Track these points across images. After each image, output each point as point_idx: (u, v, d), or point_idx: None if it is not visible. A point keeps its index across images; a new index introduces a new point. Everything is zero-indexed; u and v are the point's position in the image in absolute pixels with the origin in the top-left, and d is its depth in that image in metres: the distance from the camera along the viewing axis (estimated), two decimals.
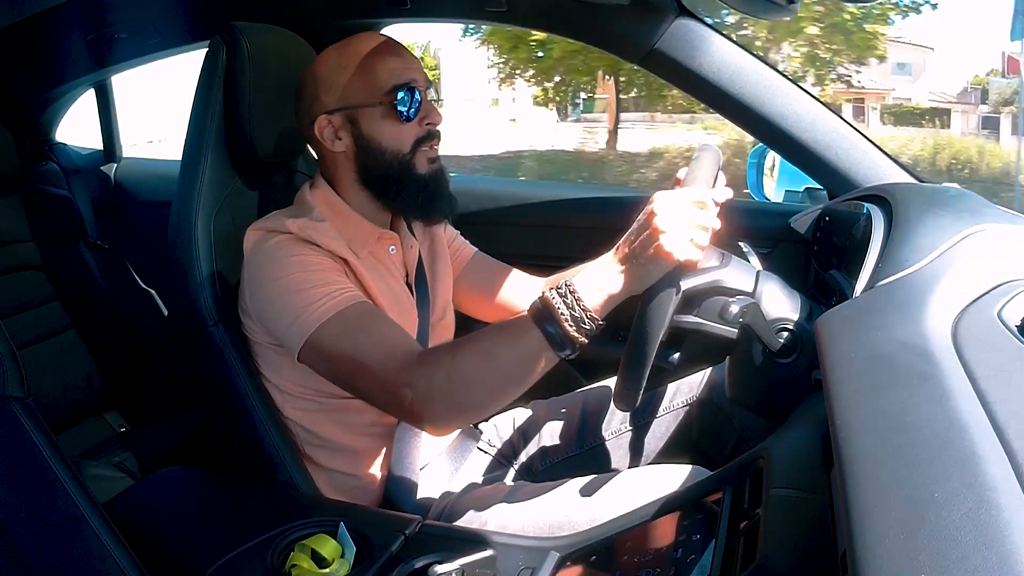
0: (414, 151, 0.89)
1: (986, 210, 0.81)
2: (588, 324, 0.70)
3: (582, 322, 0.70)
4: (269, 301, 0.84)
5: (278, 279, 0.83)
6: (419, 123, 0.89)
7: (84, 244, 1.60)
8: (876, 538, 0.35)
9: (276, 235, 0.86)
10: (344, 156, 0.90)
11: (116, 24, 1.45)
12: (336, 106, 0.88)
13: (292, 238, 0.85)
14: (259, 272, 0.85)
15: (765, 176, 1.37)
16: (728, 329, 0.85)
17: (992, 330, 0.52)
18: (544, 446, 1.11)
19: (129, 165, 1.84)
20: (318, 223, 0.87)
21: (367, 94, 0.87)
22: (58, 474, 0.60)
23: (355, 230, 0.91)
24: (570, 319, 0.70)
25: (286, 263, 0.83)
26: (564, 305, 0.70)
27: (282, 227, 0.86)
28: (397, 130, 0.88)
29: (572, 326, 0.70)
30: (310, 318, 0.80)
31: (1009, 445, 0.38)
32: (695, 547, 0.66)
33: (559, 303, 0.70)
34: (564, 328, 0.70)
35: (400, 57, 0.89)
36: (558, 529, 0.87)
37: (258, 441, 0.93)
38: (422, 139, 0.90)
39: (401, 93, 0.87)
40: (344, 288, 0.82)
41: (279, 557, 0.75)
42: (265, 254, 0.85)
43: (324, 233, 0.86)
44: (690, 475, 0.88)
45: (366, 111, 0.88)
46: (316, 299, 0.80)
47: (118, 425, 1.64)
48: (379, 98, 0.87)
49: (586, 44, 1.28)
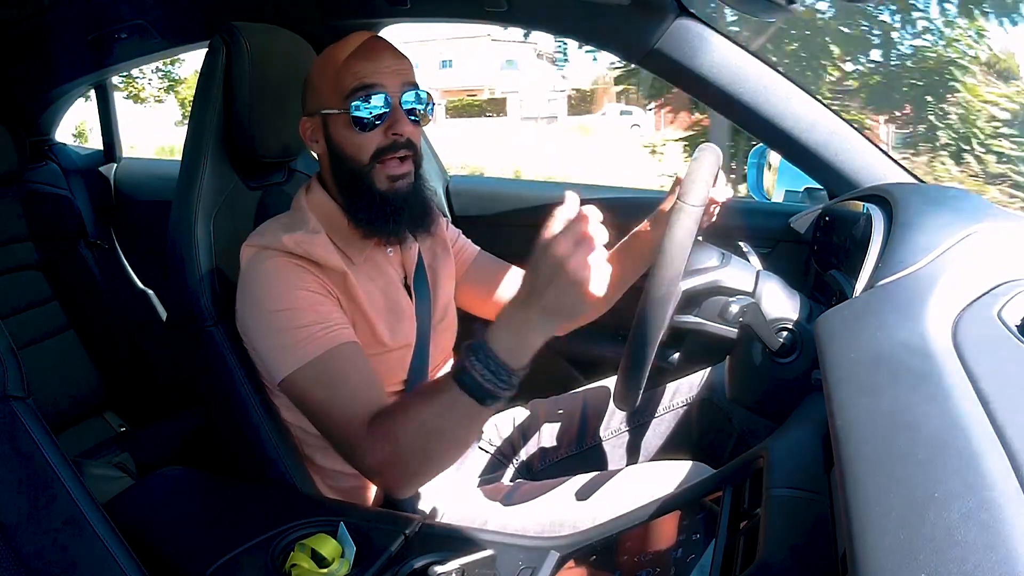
0: (373, 163, 0.86)
1: (986, 210, 0.81)
2: (506, 376, 0.68)
3: (499, 376, 0.68)
4: (256, 329, 0.85)
5: (267, 312, 0.83)
6: (383, 132, 0.85)
7: (84, 244, 1.61)
8: (876, 538, 0.35)
9: (271, 254, 0.85)
10: (323, 158, 0.91)
11: (116, 24, 1.45)
12: (313, 109, 0.88)
13: (287, 261, 0.84)
14: (251, 296, 0.85)
15: (765, 176, 1.37)
16: (728, 329, 0.85)
17: (992, 330, 0.52)
18: (544, 445, 1.11)
19: (129, 165, 1.84)
20: (314, 236, 0.86)
21: (332, 98, 0.85)
22: (58, 474, 0.60)
23: (350, 236, 0.90)
24: (488, 376, 0.68)
25: (277, 295, 0.83)
26: (480, 363, 0.68)
27: (278, 244, 0.85)
28: (356, 139, 0.85)
29: (491, 384, 0.68)
30: (292, 357, 0.81)
31: (1009, 445, 0.38)
32: (695, 547, 0.66)
33: (475, 362, 0.68)
34: (485, 387, 0.69)
35: (370, 60, 0.84)
36: (559, 527, 0.87)
37: (258, 441, 0.93)
38: (384, 149, 0.85)
39: (358, 99, 0.83)
40: (328, 326, 0.82)
41: (279, 557, 0.75)
42: (260, 278, 0.85)
43: (320, 247, 0.85)
44: (691, 471, 0.88)
45: (332, 115, 0.86)
46: (301, 340, 0.81)
47: (118, 425, 1.64)
48: (340, 103, 0.84)
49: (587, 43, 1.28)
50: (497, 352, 0.68)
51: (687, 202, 0.76)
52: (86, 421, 1.60)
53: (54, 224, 1.57)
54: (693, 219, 0.76)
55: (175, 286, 0.97)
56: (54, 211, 1.58)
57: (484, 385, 0.68)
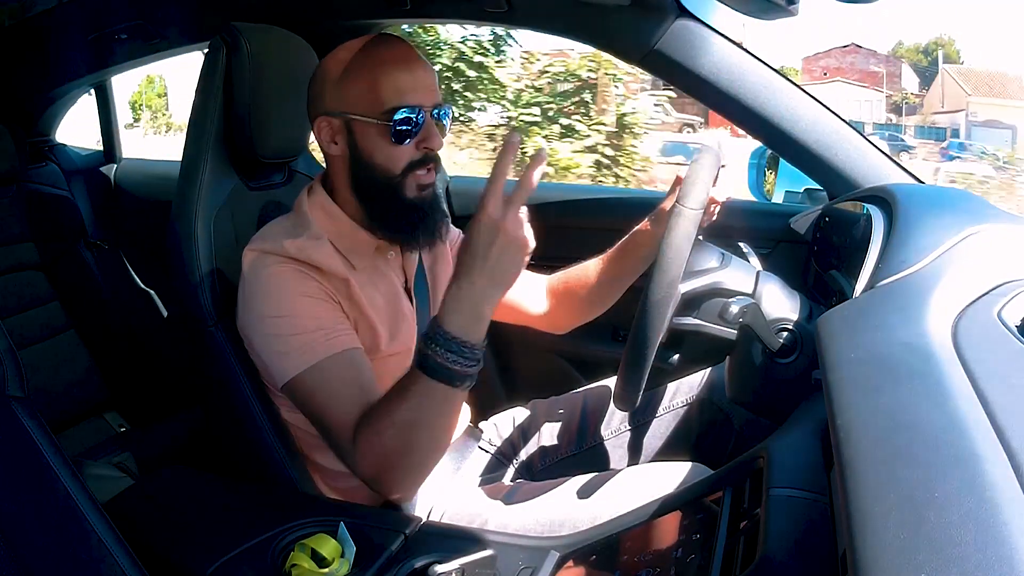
0: (405, 175, 0.86)
1: (986, 210, 0.81)
2: (469, 353, 0.71)
3: (463, 354, 0.71)
4: (258, 334, 0.85)
5: (269, 317, 0.83)
6: (415, 146, 0.85)
7: (84, 244, 1.61)
8: (876, 538, 0.35)
9: (273, 259, 0.84)
10: (340, 160, 0.88)
11: (116, 25, 1.45)
12: (336, 110, 0.85)
13: (289, 268, 0.84)
14: (253, 301, 0.85)
15: (765, 176, 1.37)
16: (728, 330, 0.85)
17: (992, 330, 0.52)
18: (544, 445, 1.11)
19: (129, 165, 1.84)
20: (316, 242, 0.86)
21: (367, 107, 0.83)
22: (58, 474, 0.60)
23: (352, 241, 0.89)
24: (453, 358, 0.71)
25: (278, 300, 0.83)
26: (441, 348, 0.71)
27: (280, 249, 0.84)
28: (391, 151, 0.85)
29: (458, 365, 0.71)
30: (293, 362, 0.82)
31: (1009, 445, 0.38)
32: (695, 547, 0.66)
33: (436, 348, 0.71)
34: (453, 369, 0.71)
35: (411, 74, 0.84)
36: (559, 527, 0.87)
37: (258, 441, 0.93)
38: (416, 163, 0.86)
39: (401, 114, 0.83)
40: (330, 332, 0.82)
41: (279, 557, 0.75)
42: (261, 283, 0.84)
43: (322, 253, 0.85)
44: (690, 473, 0.88)
45: (364, 123, 0.84)
46: (301, 346, 0.81)
47: (118, 425, 1.65)
48: (378, 115, 0.83)
49: (587, 44, 1.28)
50: (454, 333, 0.71)
51: (686, 205, 0.76)
52: (86, 421, 1.60)
53: (54, 224, 1.57)
54: (692, 222, 0.76)
55: (175, 286, 0.97)
56: (54, 211, 1.58)
57: (452, 368, 0.71)
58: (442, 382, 0.72)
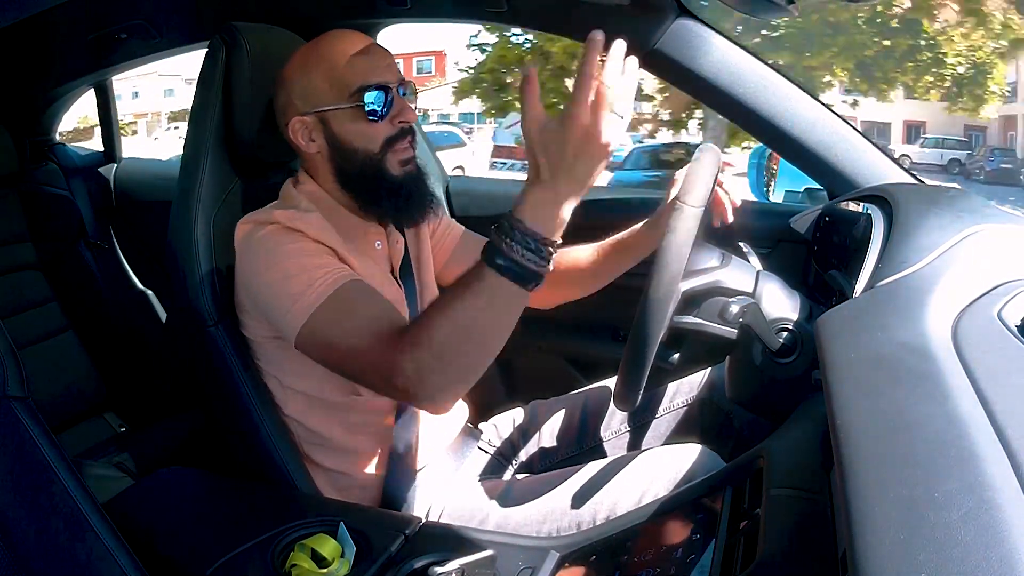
0: (384, 151, 0.89)
1: (986, 210, 0.81)
2: (546, 252, 0.67)
3: (540, 253, 0.67)
4: (264, 290, 0.84)
5: (271, 268, 0.83)
6: (390, 121, 0.89)
7: (83, 244, 1.60)
8: (876, 538, 0.35)
9: (265, 227, 0.86)
10: (320, 157, 0.91)
11: (116, 24, 1.45)
12: (307, 109, 0.89)
13: (281, 228, 0.85)
14: (252, 263, 0.86)
15: (765, 176, 1.37)
16: (728, 329, 0.85)
17: (992, 330, 0.52)
18: (544, 446, 1.11)
19: (129, 165, 1.84)
20: (306, 213, 0.87)
21: (336, 95, 0.87)
22: (58, 474, 0.60)
23: (341, 222, 0.91)
24: (529, 255, 0.66)
25: (276, 252, 0.84)
26: (517, 244, 0.66)
27: (271, 218, 0.86)
28: (367, 130, 0.88)
29: (533, 262, 0.67)
30: (305, 302, 0.79)
31: (1009, 445, 0.38)
32: (695, 547, 0.66)
33: (512, 244, 0.66)
34: (528, 266, 0.67)
35: (369, 56, 0.88)
36: (559, 517, 0.87)
37: (258, 441, 0.93)
38: (393, 138, 0.89)
39: (370, 94, 0.86)
40: (335, 268, 0.82)
41: (279, 557, 0.75)
42: (256, 244, 0.86)
43: (312, 223, 0.86)
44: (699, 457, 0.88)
45: (336, 113, 0.88)
46: (309, 283, 0.80)
47: (118, 425, 1.64)
48: (348, 99, 0.87)
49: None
50: (534, 228, 0.66)
51: (688, 203, 0.76)
52: (86, 421, 1.60)
53: (54, 224, 1.57)
54: (693, 220, 0.76)
55: (175, 286, 0.97)
56: (54, 211, 1.58)
57: (525, 265, 0.66)
58: (514, 281, 0.67)
